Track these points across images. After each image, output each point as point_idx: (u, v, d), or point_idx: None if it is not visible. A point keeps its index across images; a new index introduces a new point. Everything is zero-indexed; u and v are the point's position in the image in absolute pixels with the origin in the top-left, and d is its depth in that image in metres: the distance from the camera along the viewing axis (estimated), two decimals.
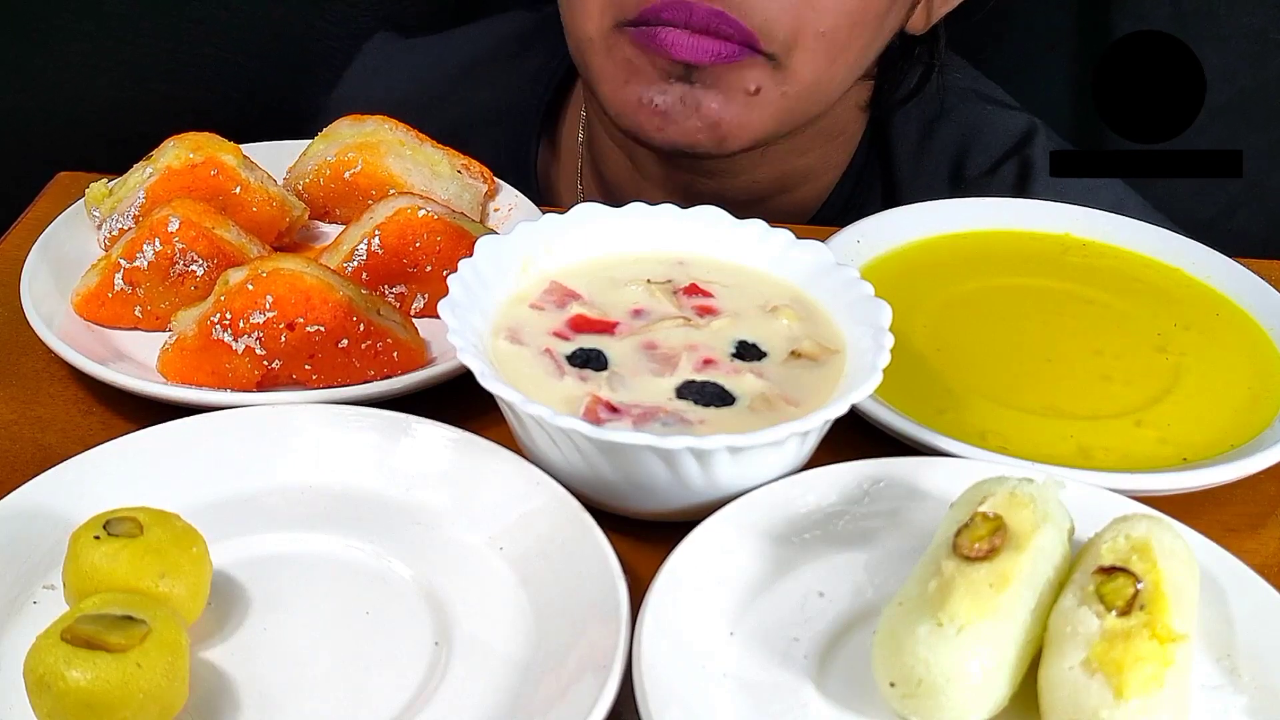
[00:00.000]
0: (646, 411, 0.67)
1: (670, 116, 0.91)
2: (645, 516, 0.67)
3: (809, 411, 0.65)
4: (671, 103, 0.91)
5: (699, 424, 0.66)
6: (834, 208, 1.09)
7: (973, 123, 1.10)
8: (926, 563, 0.58)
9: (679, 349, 0.71)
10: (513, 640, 0.61)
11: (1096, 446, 0.73)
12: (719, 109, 0.91)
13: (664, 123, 0.92)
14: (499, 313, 0.72)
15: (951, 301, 0.85)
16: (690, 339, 0.72)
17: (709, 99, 0.91)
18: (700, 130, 0.92)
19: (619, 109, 0.94)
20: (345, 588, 0.64)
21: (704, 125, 0.91)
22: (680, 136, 0.92)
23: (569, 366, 0.69)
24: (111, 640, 0.53)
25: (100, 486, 0.65)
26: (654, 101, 0.91)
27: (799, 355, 0.70)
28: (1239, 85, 1.28)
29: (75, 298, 0.80)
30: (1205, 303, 0.87)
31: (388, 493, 0.68)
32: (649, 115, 0.92)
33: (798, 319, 0.73)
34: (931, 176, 1.09)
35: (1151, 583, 0.55)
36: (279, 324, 0.73)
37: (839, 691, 0.58)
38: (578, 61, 0.98)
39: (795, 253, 0.76)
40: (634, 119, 0.93)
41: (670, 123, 0.92)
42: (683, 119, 0.91)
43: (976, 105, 1.11)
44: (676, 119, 0.91)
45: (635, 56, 0.91)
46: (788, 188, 1.07)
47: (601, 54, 0.93)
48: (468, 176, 0.91)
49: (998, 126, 1.09)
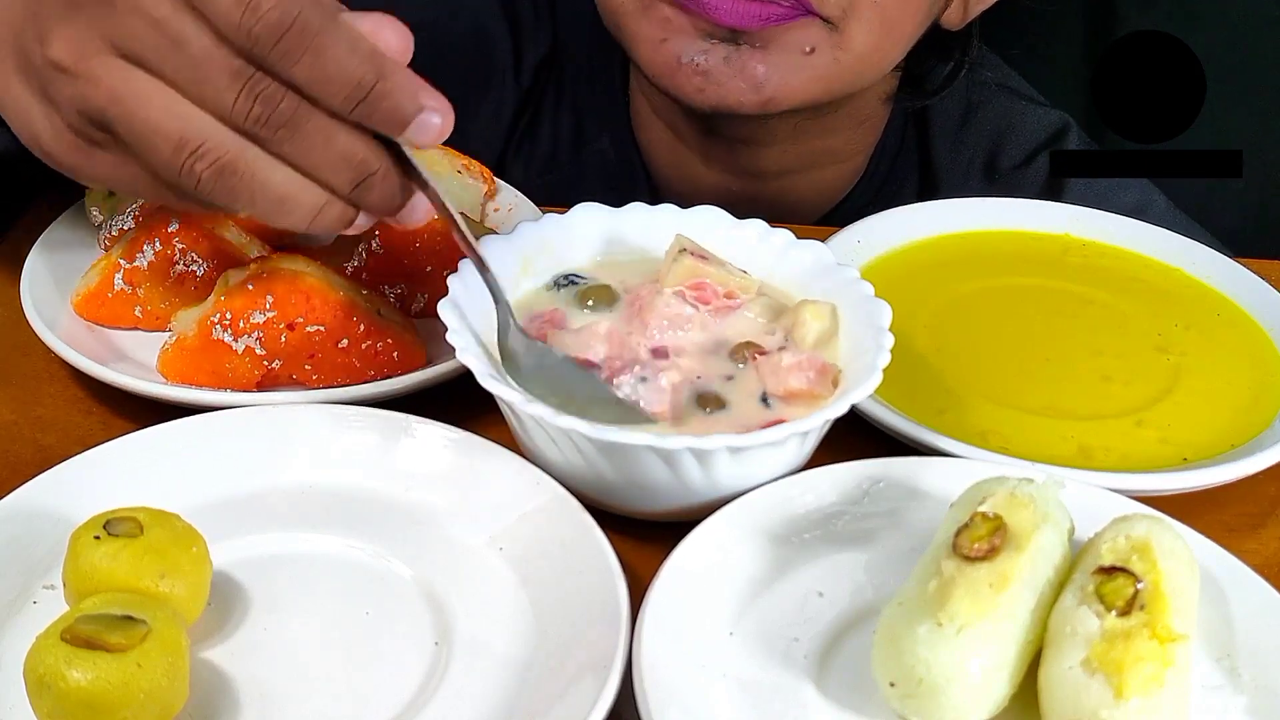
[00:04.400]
0: (626, 364, 0.67)
1: (712, 76, 0.89)
2: (645, 516, 0.67)
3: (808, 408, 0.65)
4: (714, 63, 0.89)
5: (671, 369, 0.67)
6: (868, 192, 1.10)
7: (1008, 117, 1.11)
8: (926, 563, 0.58)
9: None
10: (513, 640, 0.61)
11: (1097, 446, 0.73)
12: (766, 71, 0.89)
13: (705, 83, 0.89)
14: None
15: (951, 301, 0.85)
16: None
17: (755, 60, 0.88)
18: (744, 92, 0.90)
19: (658, 70, 0.91)
20: (345, 588, 0.64)
21: (749, 87, 0.89)
22: (722, 98, 0.90)
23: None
24: (111, 640, 0.53)
25: (100, 486, 0.65)
26: (695, 61, 0.89)
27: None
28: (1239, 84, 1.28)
29: (75, 298, 0.80)
30: (1205, 303, 0.87)
31: (388, 493, 0.68)
32: (689, 75, 0.89)
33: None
34: (968, 167, 1.10)
35: (1151, 583, 0.55)
36: (279, 324, 0.73)
37: (839, 691, 0.58)
38: (611, 28, 0.96)
39: (795, 253, 0.76)
40: (673, 79, 0.90)
41: (712, 83, 0.89)
42: (725, 79, 0.89)
43: (1011, 100, 1.12)
44: (719, 79, 0.89)
45: (674, 15, 0.89)
46: (817, 164, 1.07)
47: (636, 15, 0.91)
48: (468, 176, 0.91)
49: (1031, 122, 1.11)
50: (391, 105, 0.57)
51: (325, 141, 0.58)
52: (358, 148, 0.59)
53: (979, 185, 1.09)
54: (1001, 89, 1.12)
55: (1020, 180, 1.08)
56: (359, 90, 0.56)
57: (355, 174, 0.59)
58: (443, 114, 0.58)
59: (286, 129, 0.57)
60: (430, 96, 0.58)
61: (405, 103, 0.57)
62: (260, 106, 0.57)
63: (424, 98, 0.58)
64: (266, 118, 0.57)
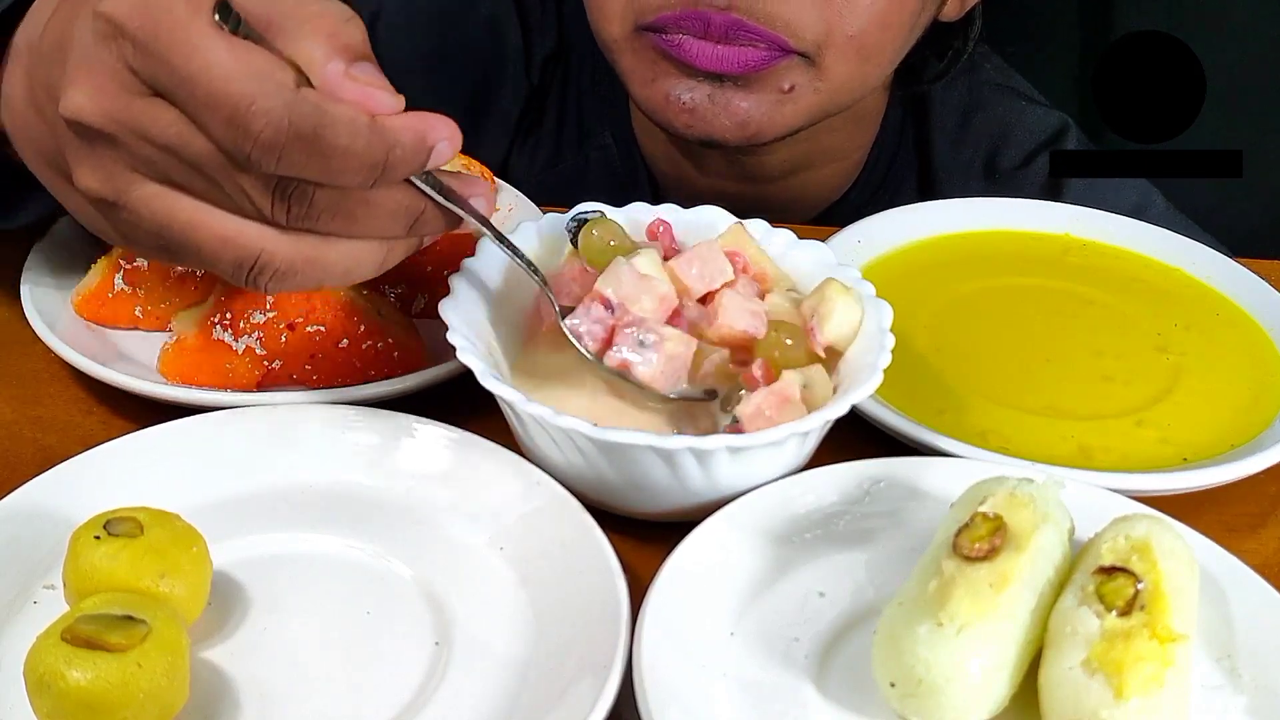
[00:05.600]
0: (633, 319, 0.67)
1: (698, 114, 0.91)
2: (645, 516, 0.67)
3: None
4: (699, 100, 0.91)
5: (673, 339, 0.67)
6: (866, 190, 1.10)
7: (1007, 117, 1.11)
8: (926, 563, 0.58)
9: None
10: (513, 640, 0.61)
11: (1097, 446, 0.73)
12: (749, 109, 0.91)
13: (692, 119, 0.92)
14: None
15: (952, 301, 0.85)
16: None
17: (738, 99, 0.91)
18: (730, 128, 0.92)
19: (648, 105, 0.94)
20: (345, 588, 0.64)
21: (734, 124, 0.91)
22: (709, 132, 0.92)
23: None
24: (111, 640, 0.53)
25: (100, 486, 0.65)
26: (681, 99, 0.91)
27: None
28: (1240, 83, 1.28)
29: (76, 298, 0.80)
30: (1205, 303, 0.87)
31: (388, 493, 0.68)
32: (677, 112, 0.92)
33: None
34: (967, 167, 1.10)
35: (1151, 583, 0.55)
36: (279, 324, 0.73)
37: (839, 691, 0.58)
38: (607, 57, 0.98)
39: (796, 253, 0.76)
40: (663, 114, 0.93)
41: (699, 119, 0.92)
42: (711, 116, 0.91)
43: (1012, 100, 1.12)
44: (705, 116, 0.91)
45: (659, 58, 0.91)
46: (816, 163, 1.07)
47: (628, 53, 0.94)
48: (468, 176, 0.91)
49: (1031, 122, 1.11)
50: (407, 162, 0.57)
51: (367, 209, 0.58)
52: (399, 199, 0.59)
53: (979, 185, 1.09)
54: (1002, 89, 1.12)
55: (1020, 180, 1.08)
56: (375, 169, 0.56)
57: (407, 219, 0.60)
58: (451, 137, 0.58)
59: (327, 214, 0.58)
60: (435, 127, 0.57)
61: (419, 154, 0.57)
62: (296, 205, 0.57)
63: (431, 137, 0.57)
64: (305, 212, 0.57)
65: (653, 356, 0.67)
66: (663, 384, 0.67)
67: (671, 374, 0.68)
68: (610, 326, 0.68)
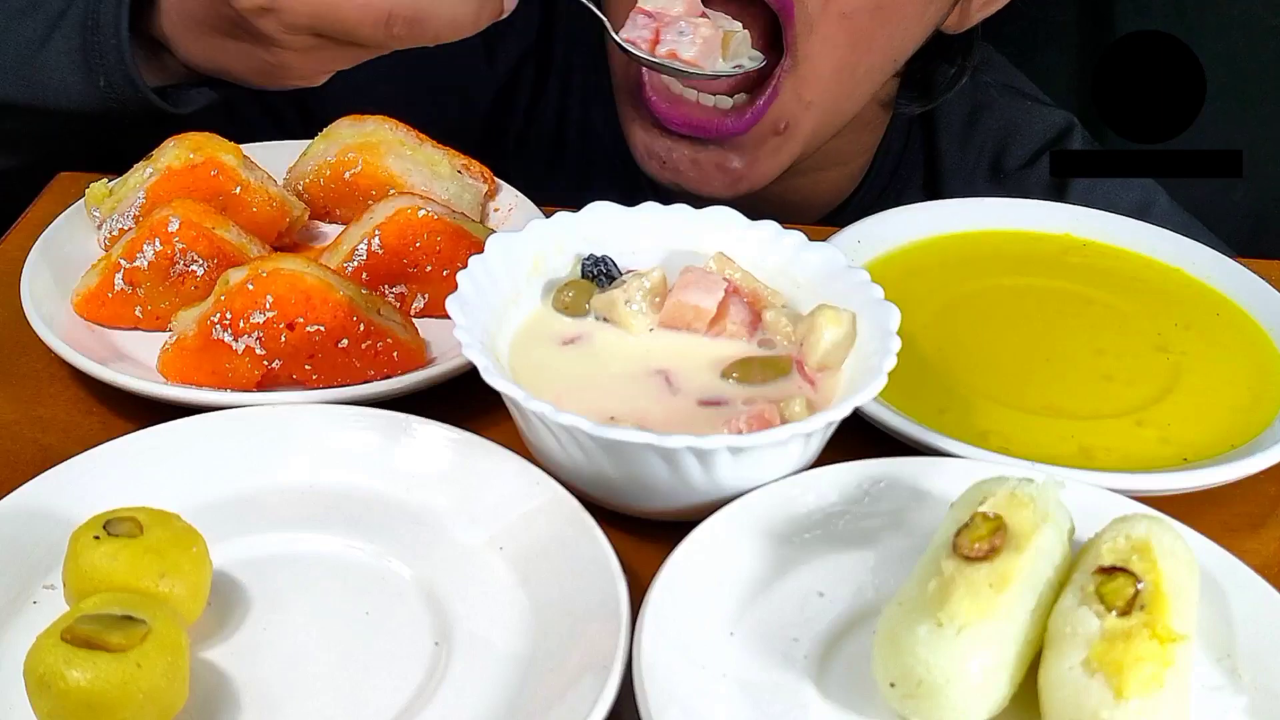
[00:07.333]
0: (671, 18, 0.82)
1: (682, 175, 0.91)
2: (647, 515, 0.67)
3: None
4: (680, 162, 0.91)
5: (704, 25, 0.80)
6: (872, 192, 1.10)
7: (1013, 117, 1.11)
8: (926, 563, 0.58)
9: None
10: (512, 640, 0.61)
11: (1097, 446, 0.73)
12: (742, 167, 0.91)
13: (676, 176, 0.91)
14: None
15: (952, 302, 0.85)
16: None
17: (730, 158, 0.90)
18: (720, 188, 0.92)
19: (633, 152, 0.93)
20: (345, 588, 0.64)
21: (724, 184, 0.91)
22: (697, 189, 0.91)
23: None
24: (111, 640, 0.53)
25: (100, 486, 0.65)
26: (660, 157, 0.91)
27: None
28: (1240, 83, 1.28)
29: (75, 298, 0.80)
30: (1205, 303, 0.87)
31: (388, 493, 0.68)
32: (657, 167, 0.91)
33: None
34: (973, 168, 1.11)
35: (1151, 583, 0.55)
36: (279, 324, 0.73)
37: (839, 691, 0.58)
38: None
39: (807, 255, 0.75)
40: (644, 165, 0.92)
41: (683, 179, 0.91)
42: (696, 177, 0.91)
43: (1016, 100, 1.12)
44: (690, 180, 0.91)
45: (635, 109, 0.91)
46: (819, 167, 1.07)
47: (621, 92, 0.94)
48: (468, 177, 0.91)
49: (1036, 122, 1.11)
50: None
51: None
52: None
53: (985, 185, 1.09)
54: (1007, 89, 1.12)
55: (1026, 180, 1.08)
56: None
57: None
58: None
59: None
60: None
61: None
62: None
63: None
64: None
65: (691, 39, 0.81)
66: (703, 60, 0.81)
67: (708, 51, 0.82)
68: (655, 29, 0.82)
